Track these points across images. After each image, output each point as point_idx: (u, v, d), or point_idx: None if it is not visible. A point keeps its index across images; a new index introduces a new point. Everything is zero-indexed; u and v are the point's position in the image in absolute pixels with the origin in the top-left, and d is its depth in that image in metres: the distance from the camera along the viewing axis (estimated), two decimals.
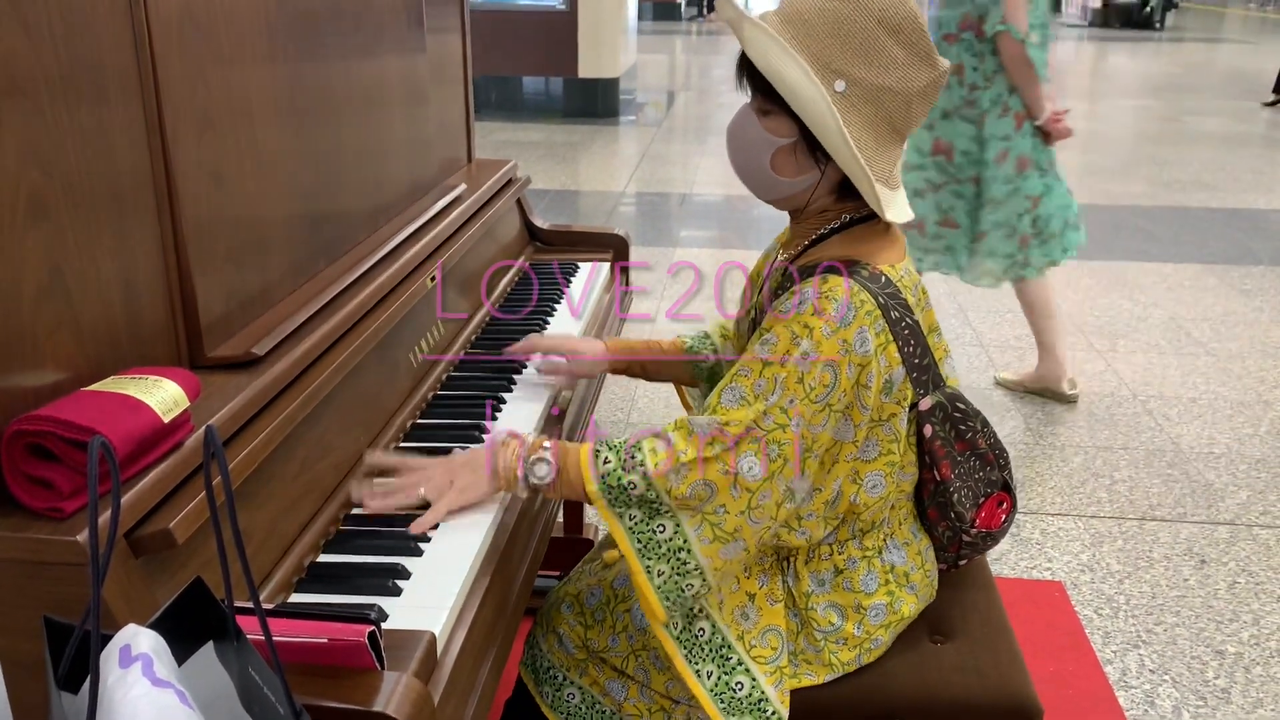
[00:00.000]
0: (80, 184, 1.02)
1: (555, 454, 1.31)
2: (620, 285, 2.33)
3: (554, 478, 1.31)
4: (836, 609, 1.42)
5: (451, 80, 2.17)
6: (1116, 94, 11.54)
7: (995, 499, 1.48)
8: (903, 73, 1.27)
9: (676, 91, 11.86)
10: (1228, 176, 7.41)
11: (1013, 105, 3.34)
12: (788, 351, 1.26)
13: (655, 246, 5.57)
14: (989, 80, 3.31)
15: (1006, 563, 2.70)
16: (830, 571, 1.42)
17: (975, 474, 1.45)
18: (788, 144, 1.33)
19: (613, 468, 1.28)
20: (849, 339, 1.26)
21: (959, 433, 1.41)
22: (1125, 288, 4.96)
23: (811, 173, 1.34)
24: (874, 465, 1.36)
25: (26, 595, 0.90)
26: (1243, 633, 2.43)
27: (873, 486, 1.37)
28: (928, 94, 1.29)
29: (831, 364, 1.26)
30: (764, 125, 1.34)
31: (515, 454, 1.32)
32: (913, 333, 1.34)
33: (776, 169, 1.36)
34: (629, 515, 1.29)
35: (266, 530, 1.15)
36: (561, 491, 1.32)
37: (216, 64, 1.23)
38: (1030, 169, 3.42)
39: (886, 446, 1.35)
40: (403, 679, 0.94)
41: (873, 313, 1.28)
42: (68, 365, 1.02)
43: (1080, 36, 18.76)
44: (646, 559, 1.28)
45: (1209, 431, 3.46)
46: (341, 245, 1.57)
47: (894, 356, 1.31)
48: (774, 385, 1.26)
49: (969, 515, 1.44)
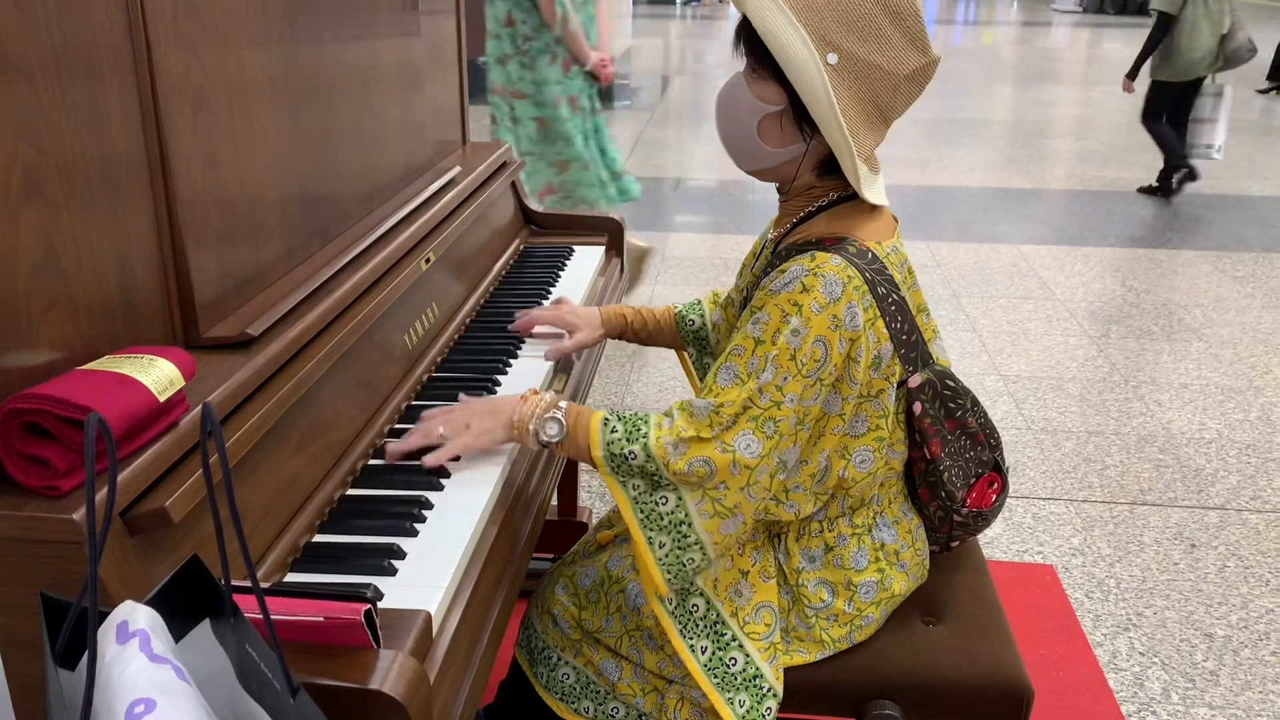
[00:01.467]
0: (74, 162, 1.02)
1: (567, 415, 1.35)
2: (616, 269, 2.33)
3: (563, 437, 1.35)
4: (827, 585, 1.43)
5: (446, 63, 2.16)
6: (1110, 80, 11.54)
7: (986, 479, 1.49)
8: (895, 54, 1.28)
9: (671, 76, 11.82)
10: (1221, 163, 7.42)
11: (559, 53, 3.73)
12: (778, 329, 1.27)
13: (650, 231, 5.57)
14: (537, 32, 3.69)
15: (999, 546, 2.71)
16: (821, 548, 1.43)
17: (966, 453, 1.46)
18: (775, 111, 1.34)
19: (618, 436, 1.31)
20: (838, 314, 1.27)
21: (948, 410, 1.42)
22: (1118, 273, 4.97)
23: (796, 144, 1.35)
24: (862, 440, 1.37)
25: (23, 573, 0.90)
26: (1231, 616, 2.45)
27: (861, 462, 1.38)
28: (915, 79, 1.30)
29: (822, 339, 1.27)
30: (755, 91, 1.35)
31: (532, 409, 1.37)
32: (899, 309, 1.35)
33: (763, 136, 1.37)
34: (632, 484, 1.31)
35: (262, 510, 1.15)
36: (569, 451, 1.36)
37: (211, 44, 1.23)
38: (577, 109, 3.84)
39: (875, 422, 1.36)
40: (398, 658, 0.94)
41: (860, 288, 1.29)
42: (63, 344, 1.02)
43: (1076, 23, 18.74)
44: (649, 530, 1.30)
45: (1199, 417, 3.47)
46: (336, 227, 1.57)
47: (882, 332, 1.32)
48: (766, 363, 1.27)
49: (960, 495, 1.45)
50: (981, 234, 5.64)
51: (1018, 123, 9.10)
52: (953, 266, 5.06)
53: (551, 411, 1.36)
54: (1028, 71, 12.45)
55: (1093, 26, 18.00)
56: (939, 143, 7.37)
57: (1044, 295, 4.66)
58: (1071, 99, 10.38)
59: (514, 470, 1.42)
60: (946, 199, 6.43)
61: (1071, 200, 6.43)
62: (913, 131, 8.53)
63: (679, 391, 3.61)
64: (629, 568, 1.48)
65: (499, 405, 1.40)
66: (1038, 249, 5.36)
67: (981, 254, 5.27)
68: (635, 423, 1.31)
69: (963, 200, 6.38)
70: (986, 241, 5.49)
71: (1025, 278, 4.90)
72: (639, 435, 1.30)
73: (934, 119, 9.17)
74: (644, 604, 1.44)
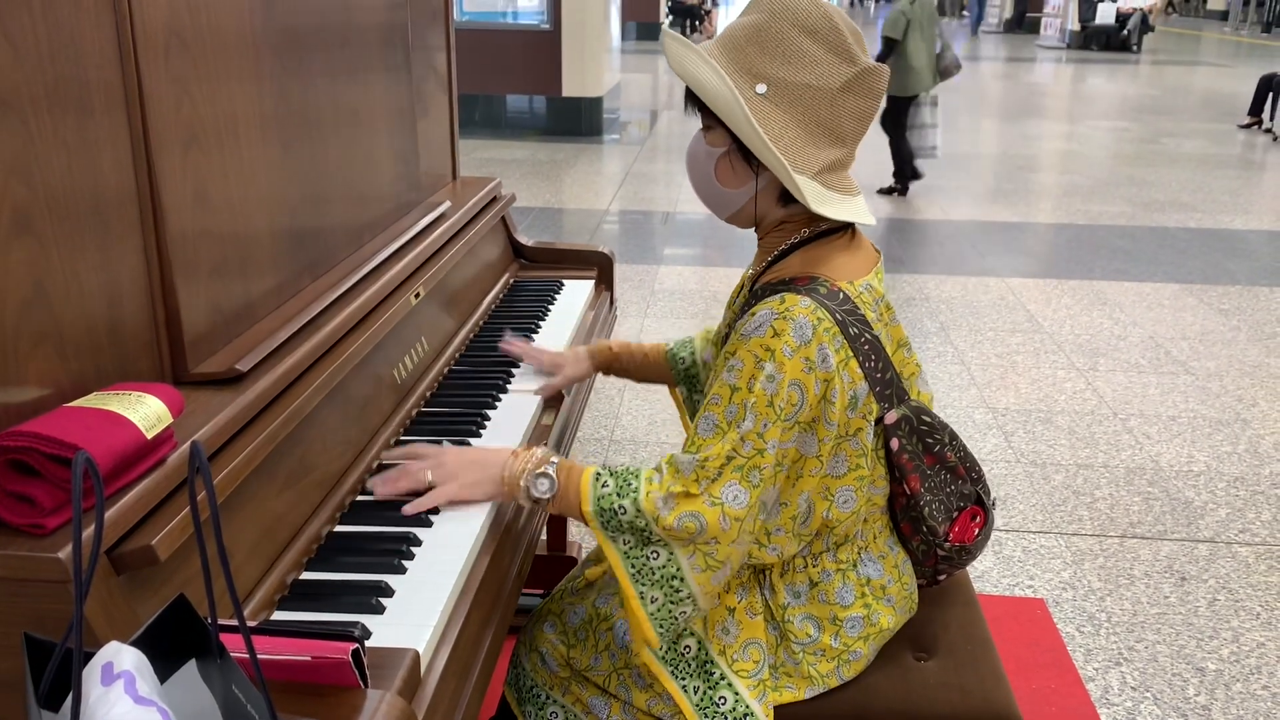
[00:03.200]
0: (64, 198, 1.02)
1: (559, 471, 1.34)
2: (605, 303, 2.33)
3: (554, 494, 1.34)
4: (813, 621, 1.42)
5: (436, 98, 2.18)
6: (1095, 116, 11.67)
7: (968, 513, 1.49)
8: (822, 70, 1.31)
9: (660, 110, 11.91)
10: (1205, 197, 7.50)
11: None
12: (753, 375, 1.27)
13: (639, 264, 5.59)
14: None
15: (989, 580, 2.71)
16: (805, 584, 1.42)
17: (946, 487, 1.46)
18: (724, 152, 1.38)
19: (609, 491, 1.30)
20: (810, 356, 1.27)
21: (926, 445, 1.42)
22: (1105, 306, 5.00)
23: (749, 180, 1.38)
24: (844, 481, 1.37)
25: (7, 612, 0.89)
26: (1223, 649, 2.45)
27: (844, 502, 1.37)
28: (852, 89, 1.32)
29: (797, 383, 1.27)
30: (706, 140, 1.41)
31: (523, 465, 1.36)
32: (873, 348, 1.35)
33: (720, 180, 1.41)
34: (622, 540, 1.31)
35: (249, 547, 1.14)
36: (559, 507, 1.35)
37: (203, 80, 1.23)
38: None
39: (855, 461, 1.36)
40: (386, 697, 0.93)
41: (830, 329, 1.29)
42: (50, 381, 1.01)
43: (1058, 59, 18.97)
44: (640, 585, 1.30)
45: (1188, 450, 3.48)
46: (326, 262, 1.57)
47: (856, 372, 1.32)
48: (745, 411, 1.27)
49: (941, 529, 1.45)
50: (969, 267, 5.67)
51: (1004, 156, 9.18)
52: (940, 300, 5.09)
53: (543, 467, 1.34)
54: (1013, 106, 12.59)
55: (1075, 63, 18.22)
56: (927, 176, 7.43)
57: (1032, 328, 4.68)
58: (1057, 133, 10.49)
59: (503, 507, 1.41)
60: (934, 232, 6.47)
61: (1058, 233, 6.48)
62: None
63: (669, 425, 3.60)
64: (617, 605, 1.47)
65: (490, 459, 1.38)
66: (1025, 282, 5.39)
67: (969, 287, 5.30)
68: (626, 478, 1.31)
69: (950, 234, 6.42)
70: (974, 275, 5.52)
71: (1013, 311, 4.92)
72: (629, 490, 1.29)
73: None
74: (632, 642, 1.43)
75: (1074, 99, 13.60)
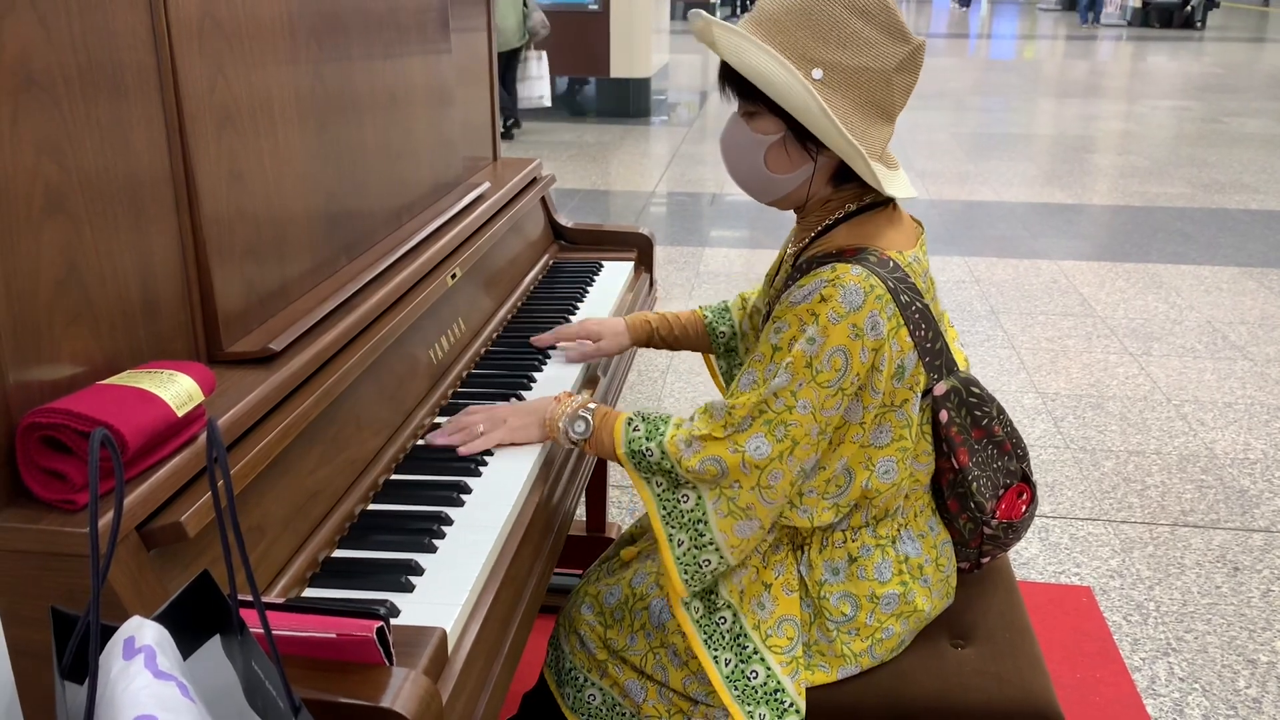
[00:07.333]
0: (97, 179, 1.03)
1: (595, 415, 1.42)
2: (645, 284, 2.32)
3: (590, 435, 1.41)
4: (850, 599, 1.41)
5: (477, 79, 2.18)
6: (1156, 95, 11.39)
7: (1015, 489, 1.48)
8: (878, 51, 1.29)
9: (709, 91, 11.84)
10: (1269, 179, 7.29)
11: None
12: (794, 337, 1.29)
13: (685, 246, 5.57)
14: None
15: (1034, 567, 2.67)
16: (844, 559, 1.42)
17: (993, 463, 1.45)
18: (777, 139, 1.36)
19: (639, 434, 1.36)
20: (859, 323, 1.27)
21: (974, 419, 1.42)
22: (1161, 290, 4.89)
23: (806, 164, 1.37)
24: (886, 451, 1.36)
25: (39, 586, 0.90)
26: (1276, 642, 2.39)
27: (885, 472, 1.37)
28: (905, 68, 1.31)
29: (842, 349, 1.27)
30: (752, 127, 1.38)
31: (564, 408, 1.45)
32: (923, 317, 1.35)
33: (771, 167, 1.38)
34: (655, 482, 1.36)
35: (281, 524, 1.16)
36: (595, 448, 1.43)
37: (237, 61, 1.24)
38: None
39: (899, 432, 1.35)
40: (411, 675, 0.93)
41: (883, 297, 1.28)
42: (84, 359, 1.03)
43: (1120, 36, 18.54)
44: (670, 527, 1.35)
45: (1244, 437, 3.40)
46: (362, 243, 1.57)
47: (906, 341, 1.32)
48: (780, 369, 1.29)
49: (989, 505, 1.44)
50: (1021, 250, 5.57)
51: (1059, 137, 9.00)
52: (991, 283, 5.01)
53: (581, 411, 1.43)
54: (1070, 86, 12.33)
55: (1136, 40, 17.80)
56: (979, 157, 7.30)
57: (1084, 312, 4.59)
58: (1114, 113, 10.26)
59: (536, 486, 1.41)
60: (986, 214, 6.36)
61: (1113, 216, 6.34)
62: (953, 146, 8.47)
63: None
64: (653, 584, 1.47)
65: (535, 405, 1.48)
66: (1078, 265, 5.29)
67: (1021, 270, 5.21)
68: (656, 423, 1.37)
69: (1002, 216, 6.31)
70: (1026, 257, 5.42)
71: (1065, 294, 4.83)
72: (657, 434, 1.35)
73: (974, 133, 9.10)
74: (669, 619, 1.43)
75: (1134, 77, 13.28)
